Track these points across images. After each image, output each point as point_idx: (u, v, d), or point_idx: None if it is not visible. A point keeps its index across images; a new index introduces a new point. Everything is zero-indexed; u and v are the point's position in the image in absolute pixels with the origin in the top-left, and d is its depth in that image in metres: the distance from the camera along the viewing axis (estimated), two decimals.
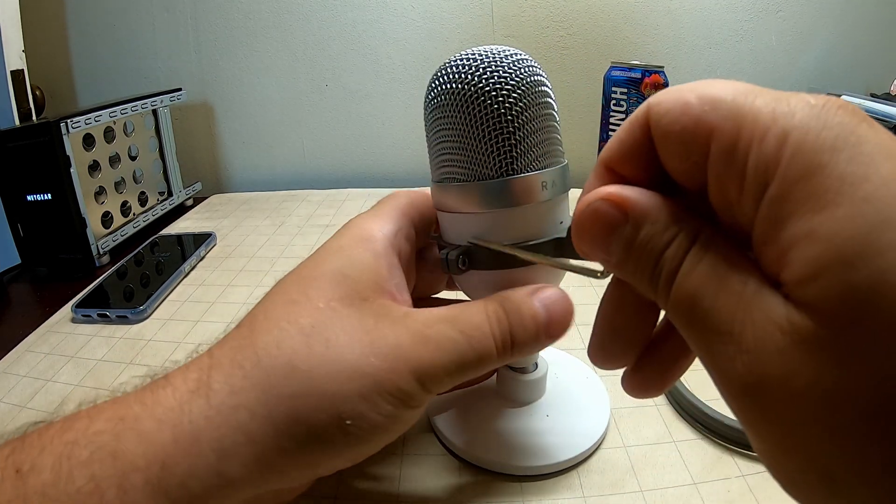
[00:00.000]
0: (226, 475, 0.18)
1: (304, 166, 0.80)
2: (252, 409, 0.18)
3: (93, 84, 0.78)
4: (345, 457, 0.20)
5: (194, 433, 0.18)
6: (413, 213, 0.26)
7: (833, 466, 0.11)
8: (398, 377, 0.20)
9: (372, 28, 0.74)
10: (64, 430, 0.18)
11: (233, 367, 0.19)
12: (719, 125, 0.13)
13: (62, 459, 0.17)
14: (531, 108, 0.23)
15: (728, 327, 0.13)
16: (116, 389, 0.22)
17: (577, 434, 0.28)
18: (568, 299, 0.23)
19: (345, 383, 0.19)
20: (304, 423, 0.19)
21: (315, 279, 0.22)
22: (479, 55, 0.22)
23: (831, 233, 0.11)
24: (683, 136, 0.14)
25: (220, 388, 0.19)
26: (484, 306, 0.22)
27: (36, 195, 0.50)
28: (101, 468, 0.17)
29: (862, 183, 0.11)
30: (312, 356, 0.19)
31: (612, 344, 0.19)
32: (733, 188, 0.14)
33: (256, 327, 0.21)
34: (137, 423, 0.18)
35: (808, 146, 0.12)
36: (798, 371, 0.11)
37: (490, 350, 0.21)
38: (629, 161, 0.16)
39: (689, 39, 0.73)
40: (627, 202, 0.16)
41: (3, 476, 0.17)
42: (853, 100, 0.61)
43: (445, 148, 0.24)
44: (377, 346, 0.20)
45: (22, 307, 0.49)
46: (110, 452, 0.17)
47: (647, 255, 0.15)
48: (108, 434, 0.18)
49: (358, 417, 0.19)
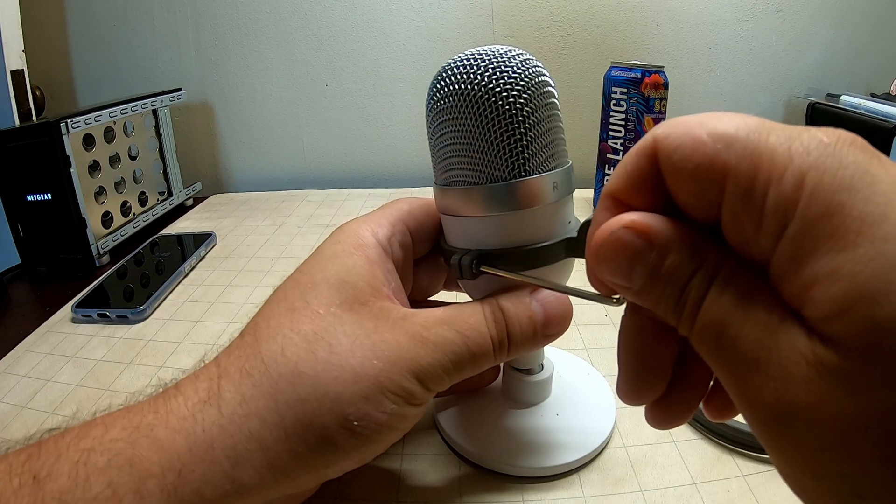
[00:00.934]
0: (239, 481, 0.18)
1: (304, 166, 0.80)
2: (262, 416, 0.19)
3: (93, 84, 0.78)
4: (353, 458, 0.21)
5: (208, 441, 0.19)
6: (410, 220, 0.26)
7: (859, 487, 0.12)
8: (399, 377, 0.20)
9: (372, 28, 0.74)
10: (80, 438, 0.19)
11: (241, 376, 0.20)
12: (735, 165, 0.13)
13: (79, 466, 0.18)
14: (540, 110, 0.22)
15: (755, 355, 0.13)
16: (116, 391, 0.22)
17: (585, 434, 0.28)
18: (566, 299, 0.23)
19: (349, 386, 0.19)
20: (312, 426, 0.19)
21: (314, 286, 0.22)
22: (484, 55, 0.22)
23: (854, 272, 0.11)
24: (697, 175, 0.14)
25: (231, 398, 0.19)
26: (481, 307, 0.22)
27: (36, 195, 0.50)
28: (118, 475, 0.18)
29: (881, 223, 0.11)
30: (317, 362, 0.20)
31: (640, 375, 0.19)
32: (751, 226, 0.14)
33: (260, 335, 0.21)
34: (152, 432, 0.19)
35: (825, 185, 0.12)
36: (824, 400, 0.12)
37: (486, 349, 0.22)
38: (637, 192, 0.16)
39: (689, 39, 0.73)
40: (651, 230, 0.15)
41: (20, 482, 0.17)
42: (853, 100, 0.61)
43: (451, 150, 0.23)
44: (378, 348, 0.20)
45: (22, 307, 0.49)
46: (127, 459, 0.18)
47: (674, 283, 0.15)
48: (123, 442, 0.18)
49: (364, 418, 0.19)
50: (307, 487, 0.21)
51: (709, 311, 0.14)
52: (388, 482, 0.27)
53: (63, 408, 0.33)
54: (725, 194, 0.14)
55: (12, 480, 0.17)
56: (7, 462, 0.18)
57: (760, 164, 0.13)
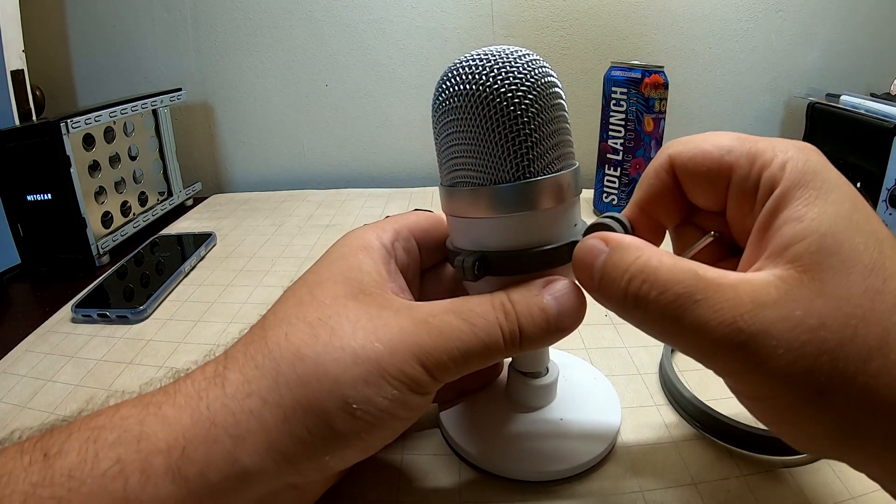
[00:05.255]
0: (240, 463, 0.18)
1: (304, 166, 0.80)
2: (263, 396, 0.19)
3: (93, 84, 0.78)
4: (355, 446, 0.20)
5: (211, 418, 0.19)
6: (416, 229, 0.26)
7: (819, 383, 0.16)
8: (401, 361, 0.20)
9: (372, 28, 0.74)
10: (93, 417, 0.19)
11: (246, 359, 0.20)
12: (737, 162, 0.20)
13: (89, 443, 0.18)
14: (546, 111, 0.22)
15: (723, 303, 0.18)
16: (116, 390, 0.22)
17: (589, 440, 0.27)
18: (579, 292, 0.23)
19: (349, 368, 0.19)
20: (312, 409, 0.19)
21: (321, 282, 0.23)
22: (490, 55, 0.22)
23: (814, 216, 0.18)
24: (710, 175, 0.21)
25: (235, 378, 0.20)
26: (490, 297, 0.22)
27: (36, 195, 0.50)
28: (126, 451, 0.18)
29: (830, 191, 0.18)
30: (318, 344, 0.20)
31: None
32: (747, 202, 0.20)
33: (267, 325, 0.22)
34: (160, 409, 0.19)
35: (799, 168, 0.19)
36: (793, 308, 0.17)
37: (496, 340, 0.21)
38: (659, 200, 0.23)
39: (689, 39, 0.73)
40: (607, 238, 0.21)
41: (31, 460, 0.18)
42: (853, 100, 0.61)
43: (457, 151, 0.23)
44: (380, 331, 0.20)
45: (22, 307, 0.49)
46: (135, 436, 0.18)
47: None
48: (133, 419, 0.19)
49: (364, 402, 0.19)
50: (311, 479, 0.21)
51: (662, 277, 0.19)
52: (389, 483, 0.27)
53: (63, 408, 0.33)
54: (731, 183, 0.21)
55: (23, 458, 0.18)
56: (19, 444, 0.18)
57: (756, 158, 0.20)
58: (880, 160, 0.51)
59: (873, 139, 0.53)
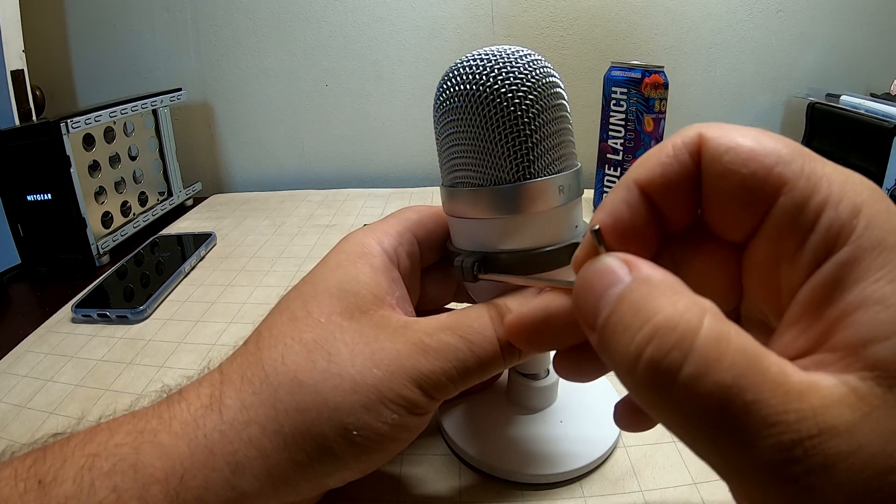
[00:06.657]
0: (240, 488, 0.18)
1: (304, 166, 0.80)
2: (262, 424, 0.19)
3: (93, 84, 0.78)
4: (353, 467, 0.20)
5: (209, 447, 0.19)
6: (418, 229, 0.26)
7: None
8: (399, 386, 0.20)
9: (372, 28, 0.74)
10: (86, 443, 0.19)
11: (243, 382, 0.20)
12: (793, 180, 0.14)
13: (84, 471, 0.18)
14: (547, 111, 0.22)
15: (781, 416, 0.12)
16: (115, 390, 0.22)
17: (589, 443, 0.27)
18: None
19: (348, 395, 0.19)
20: (311, 436, 0.19)
21: (316, 295, 0.22)
22: (491, 55, 0.22)
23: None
24: (750, 182, 0.14)
25: (232, 404, 0.19)
26: (486, 309, 0.22)
27: (36, 195, 0.50)
28: (122, 480, 0.18)
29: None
30: (316, 371, 0.20)
31: None
32: (792, 243, 0.14)
33: (262, 344, 0.21)
34: (156, 437, 0.19)
35: (879, 222, 0.13)
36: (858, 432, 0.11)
37: (494, 353, 0.21)
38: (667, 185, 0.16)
39: (689, 39, 0.73)
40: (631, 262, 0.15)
41: (26, 487, 0.17)
42: (853, 100, 0.61)
43: (457, 151, 0.23)
44: (377, 357, 0.20)
45: (22, 307, 0.49)
46: (131, 465, 0.18)
47: None
48: (128, 447, 0.18)
49: (363, 427, 0.19)
50: (308, 496, 0.21)
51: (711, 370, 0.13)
52: (389, 483, 0.27)
53: (63, 408, 0.33)
54: (775, 207, 0.14)
55: (17, 485, 0.17)
56: (12, 467, 0.18)
57: (819, 187, 0.14)
58: (880, 160, 0.51)
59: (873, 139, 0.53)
